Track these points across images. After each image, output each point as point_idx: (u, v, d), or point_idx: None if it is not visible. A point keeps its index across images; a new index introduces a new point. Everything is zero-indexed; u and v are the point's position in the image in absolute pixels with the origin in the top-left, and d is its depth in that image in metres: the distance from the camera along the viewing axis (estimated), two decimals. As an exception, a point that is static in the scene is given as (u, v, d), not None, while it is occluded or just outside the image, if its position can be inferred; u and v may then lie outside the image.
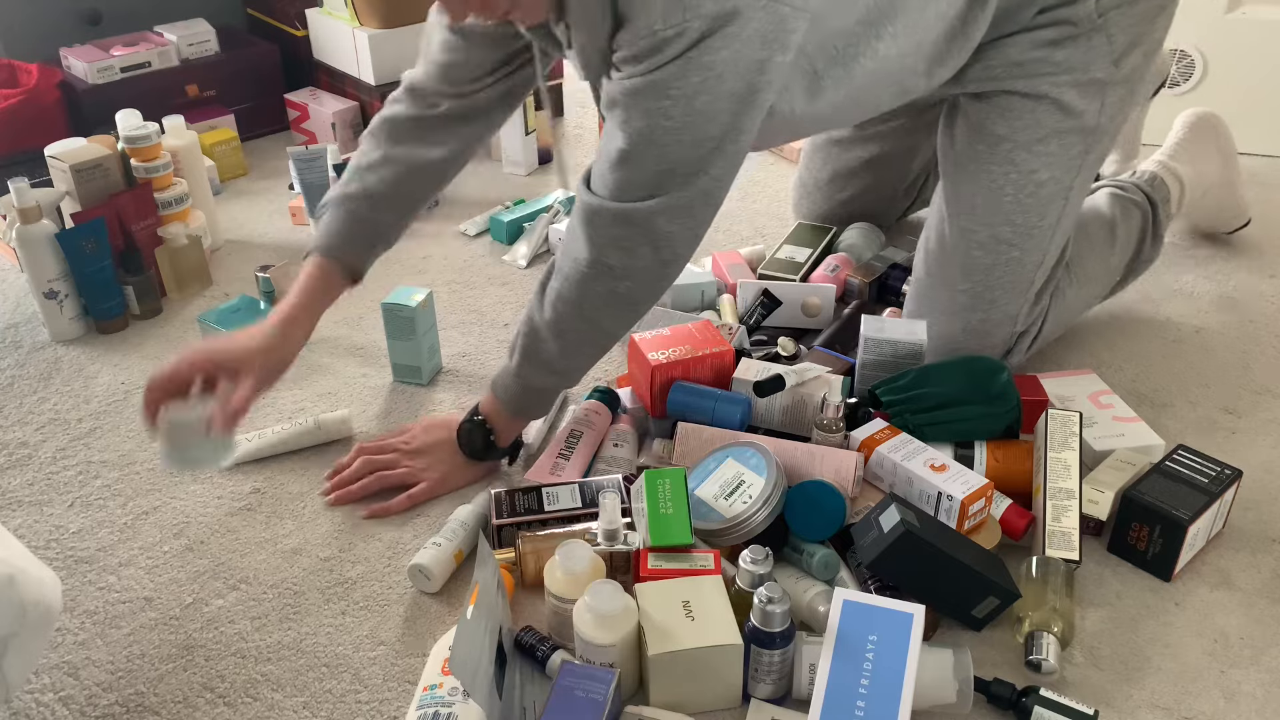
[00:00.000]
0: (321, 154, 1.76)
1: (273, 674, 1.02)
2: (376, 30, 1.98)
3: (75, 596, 1.12)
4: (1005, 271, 1.29)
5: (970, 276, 1.30)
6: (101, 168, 1.55)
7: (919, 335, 1.27)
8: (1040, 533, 1.09)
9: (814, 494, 1.07)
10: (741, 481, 1.09)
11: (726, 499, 1.08)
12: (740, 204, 1.89)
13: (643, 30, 0.97)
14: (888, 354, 1.27)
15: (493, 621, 0.93)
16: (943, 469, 1.11)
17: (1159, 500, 1.09)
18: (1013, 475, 1.16)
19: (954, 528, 1.07)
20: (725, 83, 1.00)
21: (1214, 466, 1.13)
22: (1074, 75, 1.22)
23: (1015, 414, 1.19)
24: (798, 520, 1.07)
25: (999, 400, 1.18)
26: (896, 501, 1.02)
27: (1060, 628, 0.99)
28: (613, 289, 1.10)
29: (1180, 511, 1.07)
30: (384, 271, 1.70)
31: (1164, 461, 1.15)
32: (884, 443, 1.16)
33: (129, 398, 1.42)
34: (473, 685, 0.84)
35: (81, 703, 1.00)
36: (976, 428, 1.18)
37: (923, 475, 1.10)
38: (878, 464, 1.15)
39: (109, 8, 2.14)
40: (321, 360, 1.49)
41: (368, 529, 1.19)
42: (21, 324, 1.59)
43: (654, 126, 1.02)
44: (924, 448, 1.14)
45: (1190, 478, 1.12)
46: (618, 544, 1.06)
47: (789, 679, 0.96)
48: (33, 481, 1.28)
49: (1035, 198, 1.26)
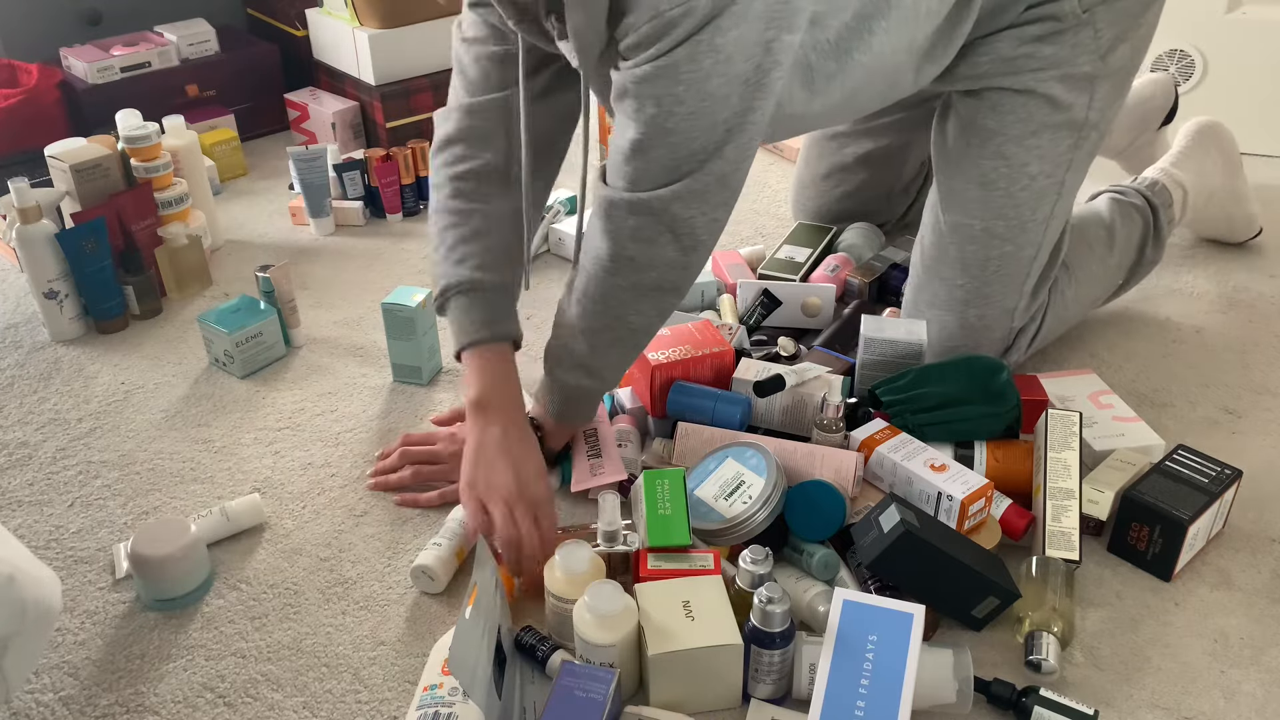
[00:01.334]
0: (321, 154, 1.76)
1: (273, 674, 1.02)
2: (376, 30, 1.98)
3: (75, 596, 1.12)
4: (1000, 265, 1.30)
5: (966, 271, 1.31)
6: (101, 168, 1.55)
7: (919, 335, 1.27)
8: (1040, 532, 1.09)
9: (814, 494, 1.07)
10: (741, 482, 1.09)
11: (726, 499, 1.08)
12: (741, 204, 1.89)
13: (648, 13, 0.97)
14: (888, 354, 1.27)
15: (491, 622, 0.93)
16: (943, 469, 1.11)
17: (1159, 500, 1.09)
18: (1013, 475, 1.16)
19: (954, 528, 1.07)
20: (735, 65, 0.99)
21: (1214, 466, 1.13)
22: (1061, 70, 1.23)
23: (1015, 413, 1.19)
24: (798, 520, 1.07)
25: (999, 400, 1.18)
26: (896, 502, 1.02)
27: (1060, 628, 0.99)
28: (636, 283, 1.09)
29: (1180, 511, 1.07)
30: (384, 273, 1.71)
31: (1164, 461, 1.15)
32: (884, 443, 1.16)
33: (129, 398, 1.42)
34: (471, 685, 0.84)
35: (81, 703, 1.00)
36: (977, 427, 1.18)
37: (923, 475, 1.10)
38: (878, 464, 1.15)
39: (109, 8, 2.14)
40: (321, 360, 1.49)
41: (367, 529, 1.19)
42: (21, 324, 1.59)
43: (666, 113, 1.01)
44: (924, 448, 1.14)
45: (1190, 478, 1.12)
46: (617, 545, 1.06)
47: (789, 679, 0.96)
48: (33, 481, 1.28)
49: (1028, 191, 1.27)
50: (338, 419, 1.37)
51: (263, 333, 1.45)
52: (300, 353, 1.51)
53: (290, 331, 1.51)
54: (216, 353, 1.46)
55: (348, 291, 1.66)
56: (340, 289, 1.66)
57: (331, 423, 1.36)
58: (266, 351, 1.47)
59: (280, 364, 1.48)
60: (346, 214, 1.84)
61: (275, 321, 1.47)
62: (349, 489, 1.25)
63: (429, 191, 1.25)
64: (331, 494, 1.25)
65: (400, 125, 2.04)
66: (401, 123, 2.04)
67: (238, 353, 1.43)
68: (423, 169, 1.86)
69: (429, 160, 1.32)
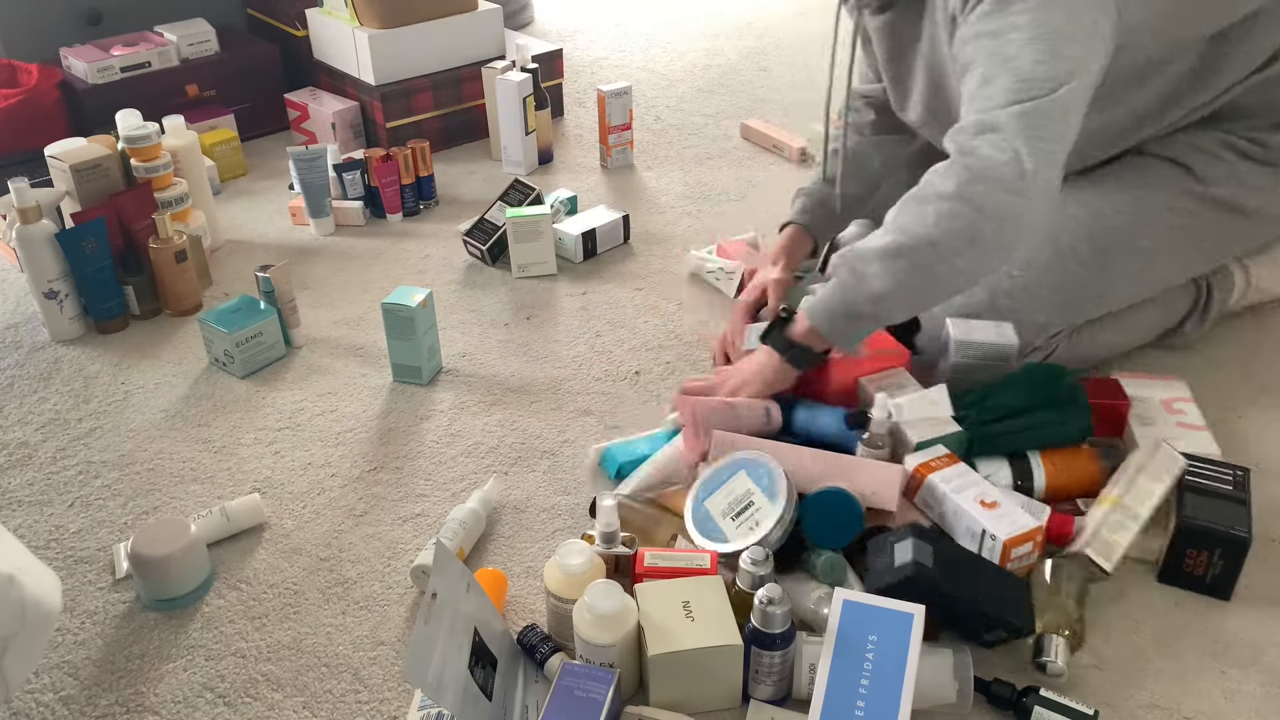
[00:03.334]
0: (321, 154, 1.76)
1: (273, 674, 1.02)
2: (376, 30, 1.98)
3: (75, 596, 1.12)
4: (1059, 279, 1.30)
5: (1029, 265, 1.30)
6: (101, 168, 1.55)
7: (1010, 337, 1.26)
8: (1087, 533, 1.07)
9: (831, 502, 1.05)
10: (750, 503, 1.06)
11: (734, 519, 1.06)
12: (741, 203, 1.89)
13: None
14: (978, 356, 1.26)
15: (461, 624, 0.92)
16: (993, 505, 1.05)
17: (1214, 522, 1.05)
18: (1072, 480, 1.14)
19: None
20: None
21: (1225, 470, 1.11)
22: (1236, 182, 1.30)
23: (1087, 416, 1.17)
24: (814, 527, 1.06)
25: (1069, 404, 1.16)
26: (915, 536, 0.99)
27: (1072, 632, 0.99)
28: (973, 223, 1.09)
29: (1238, 530, 1.04)
30: (384, 273, 1.71)
31: (1186, 478, 1.11)
32: (939, 470, 1.10)
33: (129, 398, 1.42)
34: (437, 692, 0.84)
35: (81, 703, 1.00)
36: (1052, 434, 1.16)
37: (970, 510, 1.05)
38: (928, 492, 1.10)
39: (109, 8, 2.14)
40: (321, 360, 1.49)
41: (367, 529, 1.19)
42: (21, 324, 1.59)
43: (1006, 42, 1.09)
44: (978, 480, 1.09)
45: (1219, 489, 1.08)
46: (615, 547, 1.06)
47: (789, 680, 0.96)
48: (33, 481, 1.28)
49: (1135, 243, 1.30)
50: (338, 419, 1.37)
51: (263, 333, 1.45)
52: (300, 353, 1.51)
53: (290, 331, 1.51)
54: (216, 353, 1.46)
55: (348, 291, 1.66)
56: (340, 289, 1.67)
57: (331, 423, 1.36)
58: (266, 351, 1.47)
59: (280, 364, 1.48)
60: (346, 214, 1.84)
61: (275, 321, 1.47)
62: (349, 489, 1.25)
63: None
64: (331, 494, 1.25)
65: (400, 125, 2.04)
66: (401, 123, 2.04)
67: (238, 353, 1.43)
68: (423, 169, 1.86)
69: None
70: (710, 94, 2.39)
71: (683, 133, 2.19)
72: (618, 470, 1.24)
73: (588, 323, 1.56)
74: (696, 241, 1.76)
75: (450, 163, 2.07)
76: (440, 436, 1.33)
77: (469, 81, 2.09)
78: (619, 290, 1.64)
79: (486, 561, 1.15)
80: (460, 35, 2.08)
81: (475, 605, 0.96)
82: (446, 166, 2.05)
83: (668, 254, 1.73)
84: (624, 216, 1.76)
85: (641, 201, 1.91)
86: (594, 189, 1.96)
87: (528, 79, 1.94)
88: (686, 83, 2.45)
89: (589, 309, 1.59)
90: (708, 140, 2.15)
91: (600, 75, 2.49)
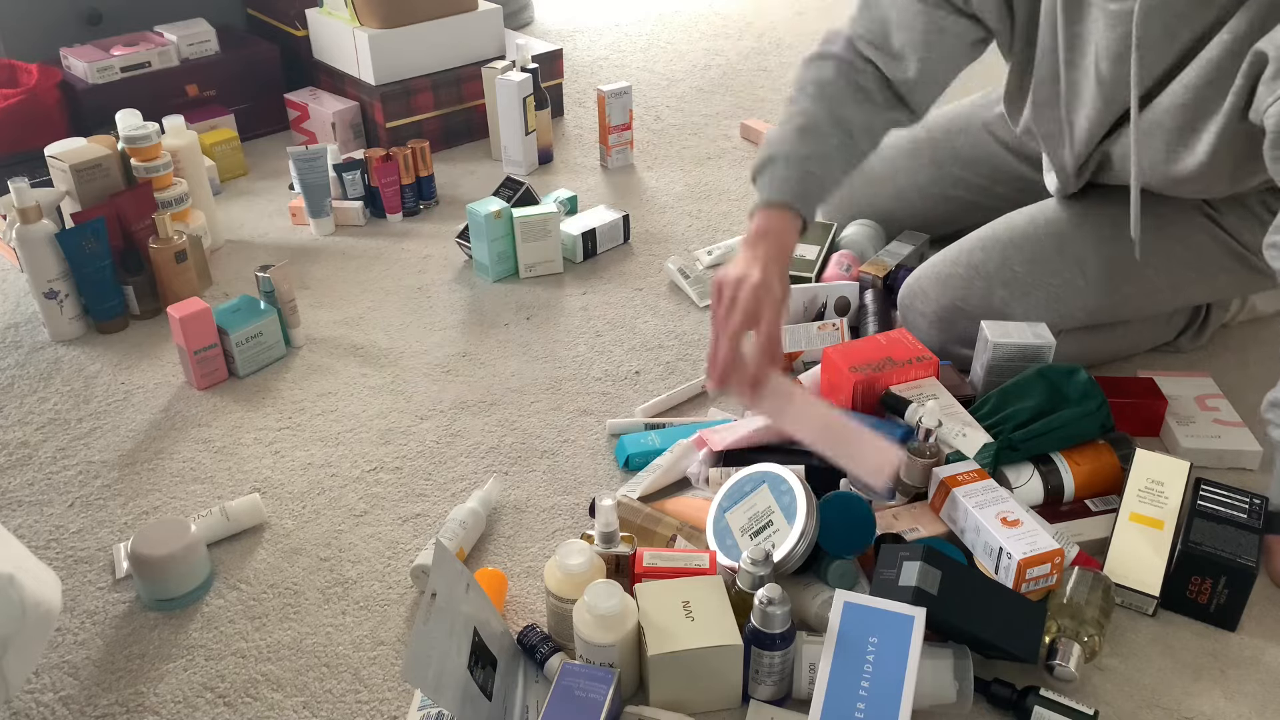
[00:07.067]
0: (321, 154, 1.76)
1: (273, 674, 1.02)
2: (376, 30, 1.98)
3: (75, 596, 1.12)
4: (1059, 292, 1.30)
5: (1032, 262, 1.29)
6: (101, 168, 1.55)
7: (1046, 337, 1.25)
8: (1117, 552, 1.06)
9: (845, 510, 1.04)
10: (769, 522, 1.05)
11: (752, 537, 1.05)
12: (740, 204, 1.89)
13: None
14: (1015, 357, 1.25)
15: (461, 623, 0.92)
16: (1015, 524, 1.03)
17: (1219, 549, 1.02)
18: (1099, 473, 1.14)
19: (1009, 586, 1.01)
20: None
21: (1242, 498, 1.08)
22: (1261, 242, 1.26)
23: (1105, 410, 1.16)
24: (826, 536, 1.04)
25: (1086, 399, 1.16)
26: (924, 558, 0.97)
27: (1090, 639, 0.98)
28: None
29: (1244, 559, 1.01)
30: (384, 273, 1.71)
31: (1198, 503, 1.08)
32: (965, 485, 1.08)
33: (129, 398, 1.42)
34: (436, 691, 0.84)
35: (81, 703, 1.00)
36: (1076, 431, 1.16)
37: (990, 527, 1.03)
38: (952, 506, 1.09)
39: (109, 8, 2.14)
40: (321, 360, 1.49)
41: (367, 529, 1.19)
42: (21, 324, 1.59)
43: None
44: (1004, 497, 1.06)
45: (1231, 516, 1.06)
46: (615, 547, 1.06)
47: (789, 680, 0.96)
48: (33, 481, 1.28)
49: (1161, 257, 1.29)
50: (338, 419, 1.37)
51: (263, 333, 1.45)
52: (300, 353, 1.51)
53: (290, 331, 1.51)
54: (216, 353, 1.46)
55: (348, 291, 1.66)
56: (340, 289, 1.67)
57: (331, 423, 1.36)
58: (266, 351, 1.47)
59: (280, 364, 1.48)
60: (346, 214, 1.84)
61: (275, 321, 1.47)
62: (349, 489, 1.25)
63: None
64: (331, 494, 1.25)
65: (400, 125, 2.04)
66: (401, 123, 2.04)
67: (238, 353, 1.43)
68: (423, 169, 1.86)
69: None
70: (710, 94, 2.39)
71: (683, 133, 2.19)
72: (627, 460, 1.25)
73: (588, 323, 1.56)
74: (696, 242, 1.76)
75: (450, 163, 2.07)
76: (440, 436, 1.33)
77: (469, 81, 2.09)
78: (619, 290, 1.64)
79: (486, 561, 1.15)
80: (460, 35, 2.08)
81: (475, 605, 0.96)
82: (446, 166, 2.05)
83: (668, 254, 1.74)
84: (624, 216, 1.76)
85: (641, 201, 1.91)
86: (594, 189, 1.96)
87: (528, 79, 1.94)
88: (686, 83, 2.45)
89: (589, 309, 1.59)
90: (708, 140, 2.15)
91: (600, 75, 2.49)
